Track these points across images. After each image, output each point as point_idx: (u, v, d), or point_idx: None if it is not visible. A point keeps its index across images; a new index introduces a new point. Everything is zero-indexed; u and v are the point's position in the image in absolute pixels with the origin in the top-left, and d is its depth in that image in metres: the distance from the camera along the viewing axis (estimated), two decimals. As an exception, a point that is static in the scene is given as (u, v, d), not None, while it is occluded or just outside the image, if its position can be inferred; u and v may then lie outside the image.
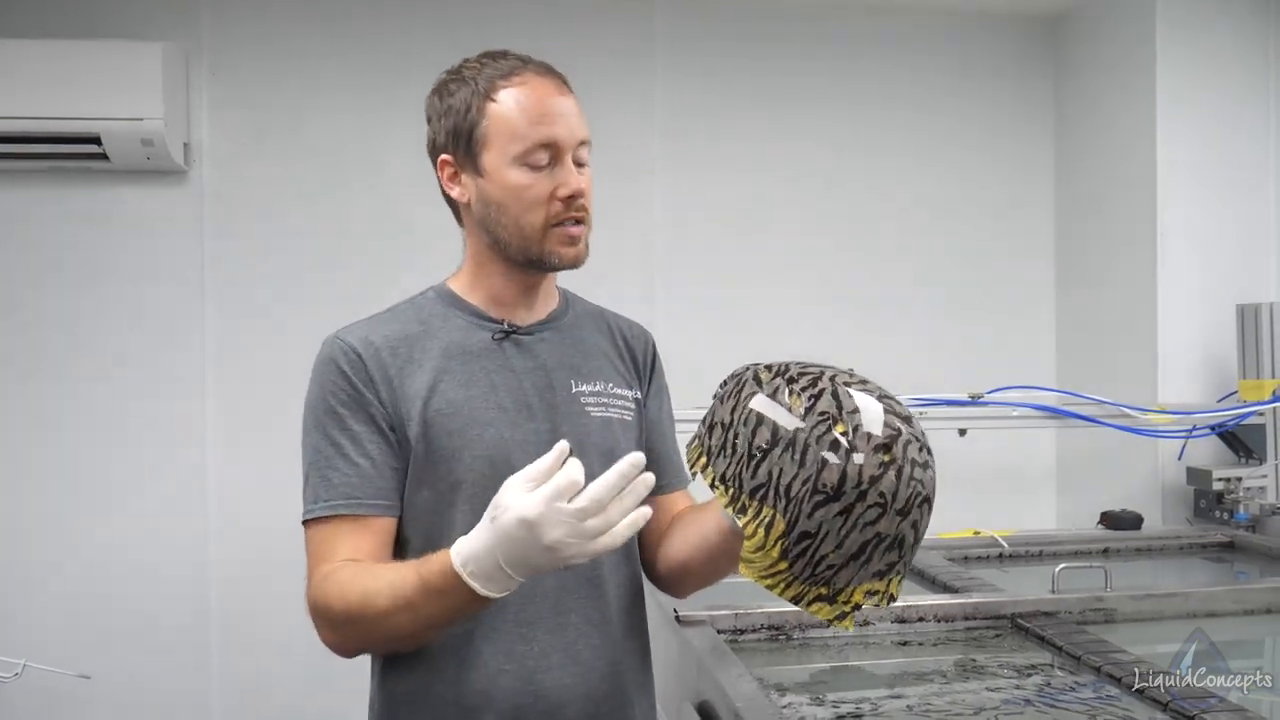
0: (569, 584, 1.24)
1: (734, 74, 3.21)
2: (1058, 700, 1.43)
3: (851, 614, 1.11)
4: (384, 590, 1.09)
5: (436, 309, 1.28)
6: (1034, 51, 3.35)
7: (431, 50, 3.08)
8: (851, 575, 1.08)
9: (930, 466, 1.09)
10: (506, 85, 1.22)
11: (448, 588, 1.04)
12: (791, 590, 1.10)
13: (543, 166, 1.21)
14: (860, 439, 1.06)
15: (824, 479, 1.05)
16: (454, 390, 1.22)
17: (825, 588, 1.09)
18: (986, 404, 2.53)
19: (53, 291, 2.95)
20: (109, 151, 2.80)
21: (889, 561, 1.09)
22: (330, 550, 1.17)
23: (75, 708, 2.87)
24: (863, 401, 1.08)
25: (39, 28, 2.88)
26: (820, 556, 1.07)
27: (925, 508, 1.08)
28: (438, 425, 1.20)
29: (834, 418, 1.07)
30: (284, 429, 2.90)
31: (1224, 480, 2.57)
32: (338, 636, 1.15)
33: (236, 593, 3.00)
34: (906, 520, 1.07)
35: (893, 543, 1.07)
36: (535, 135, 1.20)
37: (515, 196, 1.21)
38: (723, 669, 1.44)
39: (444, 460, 1.20)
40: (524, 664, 1.21)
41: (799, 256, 3.23)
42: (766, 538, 1.08)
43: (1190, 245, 2.84)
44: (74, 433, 2.95)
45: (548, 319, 1.32)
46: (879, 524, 1.06)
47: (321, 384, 1.22)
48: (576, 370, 1.29)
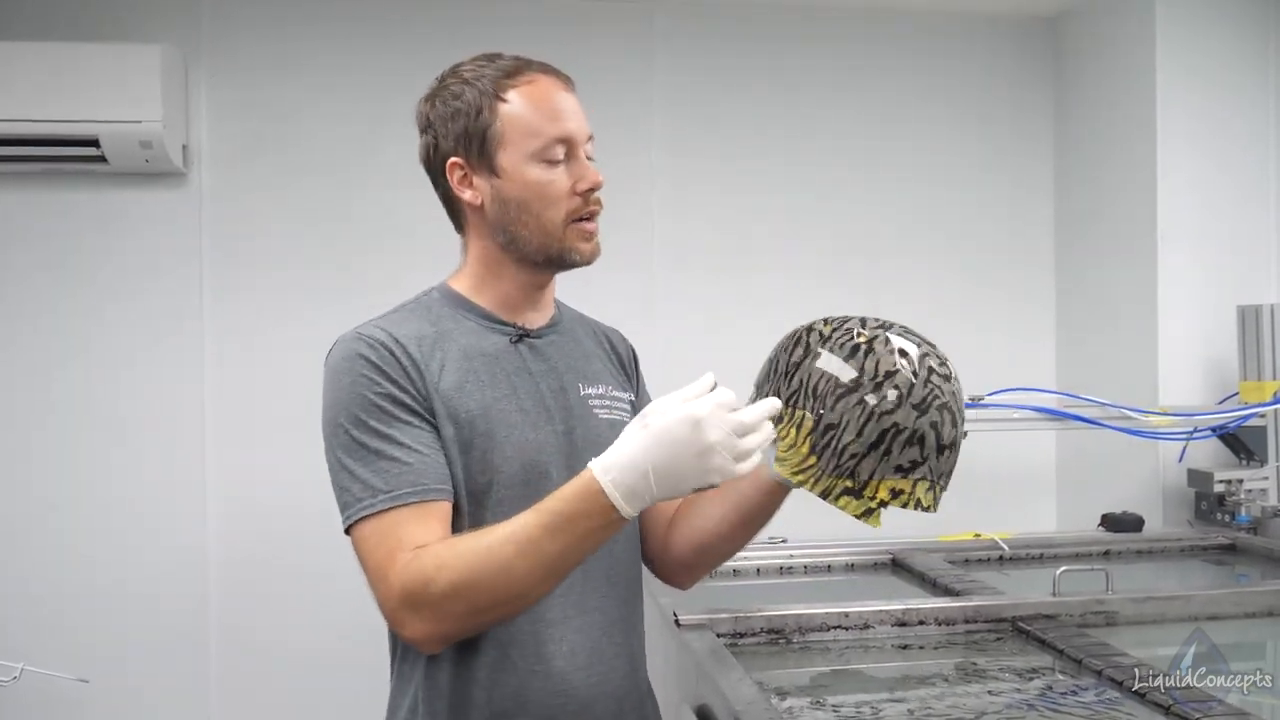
0: (591, 581, 1.24)
1: (731, 76, 3.20)
2: (1059, 704, 1.42)
3: (878, 510, 1.19)
4: (497, 545, 1.07)
5: (445, 310, 1.27)
6: (1033, 52, 3.34)
7: (430, 53, 3.06)
8: (874, 466, 1.17)
9: (952, 380, 1.21)
10: (514, 85, 1.23)
11: (580, 511, 1.05)
12: (821, 484, 1.20)
13: (559, 162, 1.23)
14: (880, 343, 1.20)
15: (845, 375, 1.19)
16: (481, 392, 1.22)
17: (851, 480, 1.18)
18: (987, 406, 2.53)
19: (51, 294, 2.94)
20: (107, 154, 2.80)
21: (911, 459, 1.17)
22: (404, 538, 1.11)
23: (73, 712, 2.86)
24: (887, 325, 1.24)
25: (38, 30, 2.88)
26: (843, 446, 1.17)
27: (945, 414, 1.18)
28: (470, 427, 1.19)
29: (858, 331, 1.22)
30: (283, 432, 2.94)
31: (1225, 482, 2.56)
32: (434, 619, 1.10)
33: (235, 596, 2.99)
34: (925, 417, 1.17)
35: (911, 436, 1.17)
36: (552, 131, 1.22)
37: (538, 193, 1.22)
38: (722, 672, 1.43)
39: (476, 461, 1.19)
40: (553, 664, 1.20)
41: (797, 258, 3.22)
42: (797, 435, 1.21)
43: (1191, 246, 2.84)
44: (72, 435, 2.95)
45: (551, 323, 1.33)
46: (896, 414, 1.16)
47: (353, 380, 1.17)
48: (582, 373, 1.31)
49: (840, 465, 1.18)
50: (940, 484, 1.20)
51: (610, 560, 1.26)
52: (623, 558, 1.29)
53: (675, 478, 1.03)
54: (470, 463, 1.19)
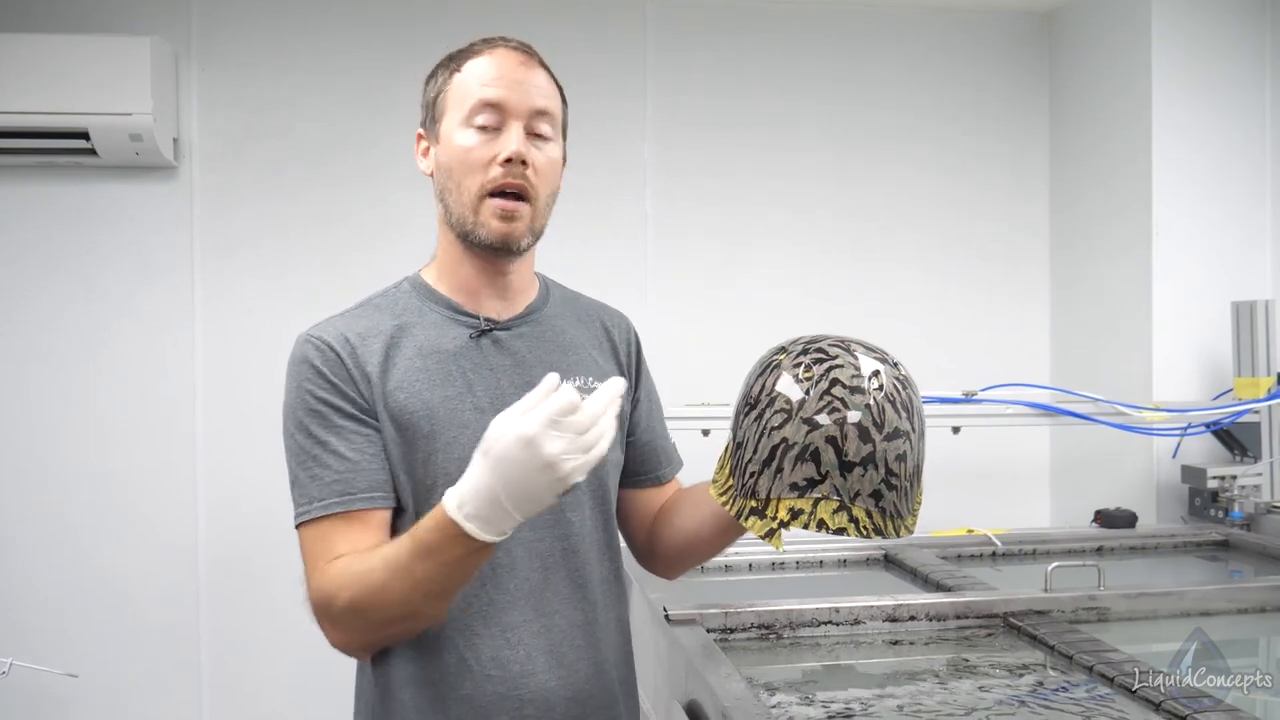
0: (552, 583, 1.22)
1: (725, 69, 3.19)
2: (1050, 700, 1.41)
3: (778, 530, 1.13)
4: (378, 565, 1.07)
5: (412, 302, 1.26)
6: (1028, 47, 3.33)
7: (421, 45, 3.06)
8: (770, 484, 1.13)
9: (866, 394, 1.12)
10: (472, 56, 1.23)
11: (441, 540, 1.02)
12: (735, 505, 1.17)
13: (488, 129, 1.19)
14: (789, 359, 1.16)
15: (751, 393, 1.17)
16: (429, 390, 1.20)
17: (754, 499, 1.14)
18: (980, 401, 2.52)
19: (41, 287, 2.92)
20: (97, 147, 2.78)
21: (806, 475, 1.11)
22: (327, 548, 1.14)
23: (62, 707, 2.85)
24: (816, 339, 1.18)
25: (27, 22, 2.87)
26: (745, 463, 1.15)
27: (851, 430, 1.10)
28: (412, 428, 1.18)
29: (782, 349, 1.18)
30: (274, 425, 2.88)
31: (1219, 478, 2.56)
32: (342, 632, 1.12)
33: (225, 592, 2.98)
34: (818, 432, 1.11)
35: (803, 452, 1.11)
36: (480, 94, 1.19)
37: (460, 159, 1.19)
38: (712, 668, 1.42)
39: (420, 463, 1.18)
40: (509, 669, 1.19)
41: (791, 254, 3.22)
42: (724, 457, 1.21)
43: (1185, 242, 2.83)
44: (62, 428, 2.93)
45: (525, 312, 1.29)
46: (784, 429, 1.12)
47: (299, 383, 1.19)
48: (557, 365, 1.26)
49: (744, 484, 1.15)
50: (858, 504, 1.11)
51: (576, 561, 1.23)
52: (591, 558, 1.26)
53: (530, 498, 0.99)
54: (414, 464, 1.18)
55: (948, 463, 2.98)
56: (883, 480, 1.11)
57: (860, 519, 1.11)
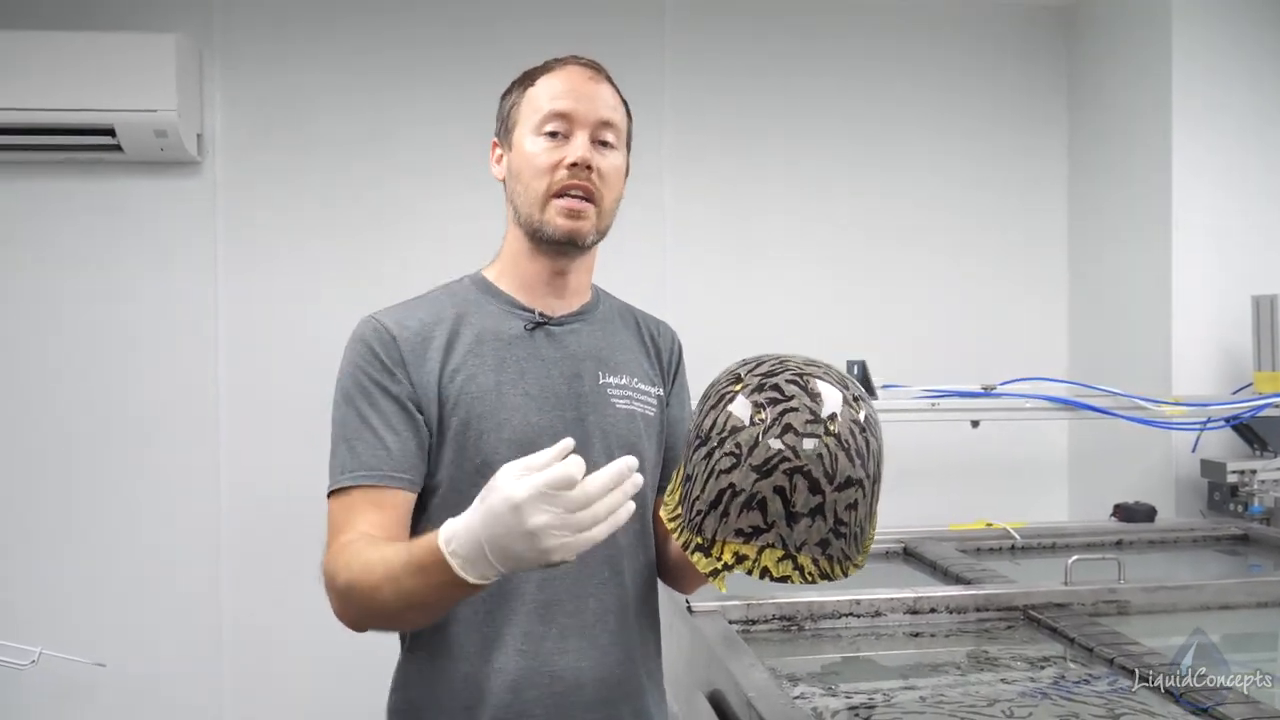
0: (589, 568, 1.25)
1: (743, 66, 3.20)
2: (1073, 693, 1.42)
3: (723, 572, 1.10)
4: (377, 563, 1.09)
5: (471, 295, 1.32)
6: (1047, 41, 3.33)
7: (441, 40, 3.09)
8: (716, 526, 1.09)
9: (819, 441, 1.06)
10: (545, 73, 1.30)
11: (430, 564, 1.02)
12: (682, 537, 1.14)
13: (556, 137, 1.26)
14: (745, 392, 1.10)
15: (703, 426, 1.12)
16: (484, 375, 1.25)
17: (700, 536, 1.11)
18: (999, 395, 2.52)
19: (67, 282, 2.96)
20: (123, 143, 2.81)
21: (752, 524, 1.07)
22: (349, 521, 1.18)
23: (90, 695, 2.89)
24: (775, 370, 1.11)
25: (54, 19, 2.90)
26: (693, 500, 1.12)
27: (799, 480, 1.05)
28: (466, 407, 1.23)
29: (738, 378, 1.13)
30: (296, 417, 2.95)
31: (1238, 473, 2.56)
32: (342, 607, 1.15)
33: (249, 581, 3.02)
34: (766, 480, 1.06)
35: (750, 500, 1.07)
36: (550, 106, 1.27)
37: (529, 163, 1.27)
38: (734, 659, 1.44)
39: (471, 442, 1.23)
40: (541, 645, 1.23)
41: (810, 249, 3.22)
42: (676, 481, 1.18)
43: (1205, 236, 2.82)
44: (87, 421, 2.97)
45: (579, 311, 1.34)
46: (732, 474, 1.08)
47: (354, 360, 1.24)
48: (604, 362, 1.32)
49: (691, 520, 1.12)
50: (804, 553, 1.07)
51: (614, 549, 1.26)
52: (629, 549, 1.29)
53: (512, 558, 0.96)
54: (465, 443, 1.22)
55: (966, 456, 3.00)
56: (830, 530, 1.08)
57: (806, 567, 1.08)
